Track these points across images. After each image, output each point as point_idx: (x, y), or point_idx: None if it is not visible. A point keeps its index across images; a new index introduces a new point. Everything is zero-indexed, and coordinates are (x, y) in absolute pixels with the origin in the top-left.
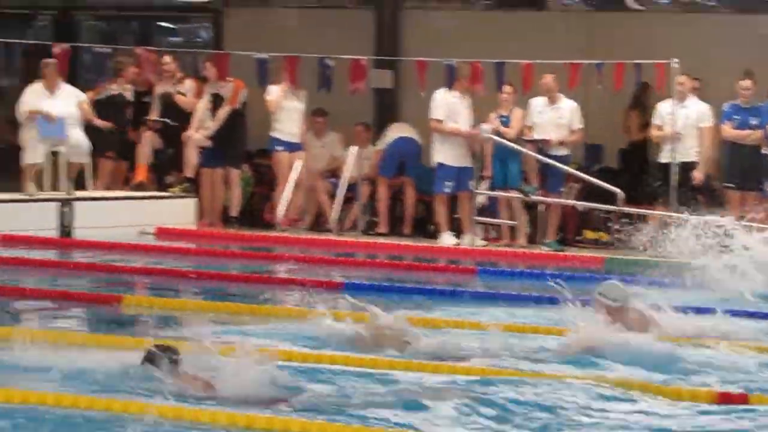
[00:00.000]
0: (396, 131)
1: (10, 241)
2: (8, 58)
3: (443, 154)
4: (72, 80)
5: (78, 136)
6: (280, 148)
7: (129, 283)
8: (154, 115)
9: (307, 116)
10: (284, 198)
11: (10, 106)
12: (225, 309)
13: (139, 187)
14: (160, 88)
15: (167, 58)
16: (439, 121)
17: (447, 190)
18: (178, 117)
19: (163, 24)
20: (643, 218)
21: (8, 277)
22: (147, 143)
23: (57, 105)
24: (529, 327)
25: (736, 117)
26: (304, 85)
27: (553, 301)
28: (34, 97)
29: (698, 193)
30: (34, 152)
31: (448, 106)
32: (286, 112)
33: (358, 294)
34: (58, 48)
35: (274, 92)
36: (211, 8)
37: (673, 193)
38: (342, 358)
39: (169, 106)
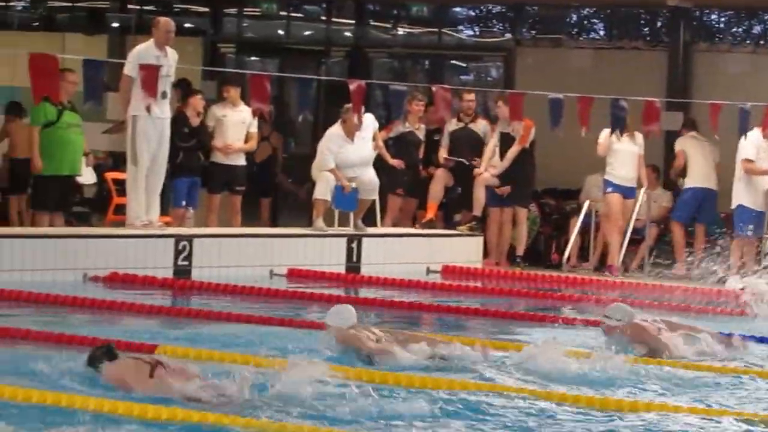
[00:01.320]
0: (697, 174)
1: (298, 276)
2: (303, 94)
3: (745, 197)
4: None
5: (370, 175)
6: (609, 189)
7: (413, 318)
8: (444, 153)
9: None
10: (573, 239)
11: (301, 141)
12: (510, 347)
13: (428, 225)
14: (450, 126)
15: (470, 96)
16: (751, 162)
17: (749, 233)
18: (467, 155)
19: (455, 62)
20: None
21: (294, 312)
22: (439, 181)
23: (357, 151)
24: None
25: None
26: (595, 126)
27: None
28: (335, 145)
29: None
30: (325, 188)
31: (758, 148)
32: (619, 154)
33: None
34: (353, 84)
35: (604, 135)
36: (504, 47)
37: None
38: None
39: (459, 144)
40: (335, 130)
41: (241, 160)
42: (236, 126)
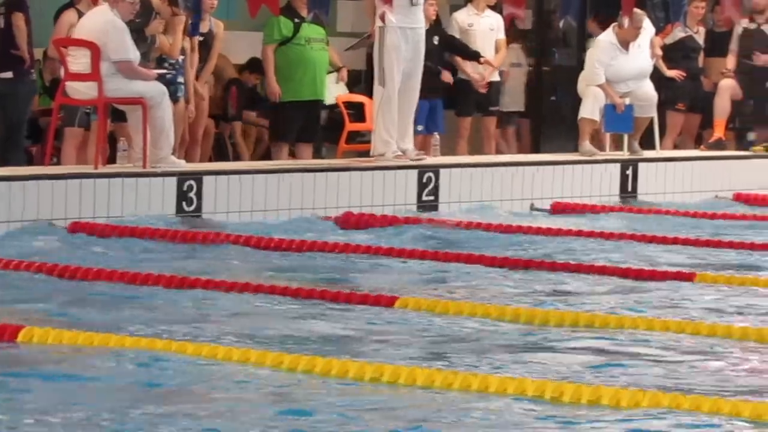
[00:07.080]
0: None
1: (563, 209)
2: None
3: None
4: None
5: (647, 89)
6: None
7: (700, 255)
8: (731, 60)
9: None
10: None
11: (564, 52)
12: None
13: (716, 145)
14: (739, 27)
15: None
16: None
17: None
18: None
19: None
20: None
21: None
22: (725, 93)
23: (632, 62)
24: None
25: None
26: None
27: None
28: (607, 56)
29: None
30: (593, 105)
31: None
32: None
33: None
34: None
35: None
36: None
37: None
38: None
39: (751, 49)
40: (607, 37)
41: (494, 76)
42: (485, 36)
